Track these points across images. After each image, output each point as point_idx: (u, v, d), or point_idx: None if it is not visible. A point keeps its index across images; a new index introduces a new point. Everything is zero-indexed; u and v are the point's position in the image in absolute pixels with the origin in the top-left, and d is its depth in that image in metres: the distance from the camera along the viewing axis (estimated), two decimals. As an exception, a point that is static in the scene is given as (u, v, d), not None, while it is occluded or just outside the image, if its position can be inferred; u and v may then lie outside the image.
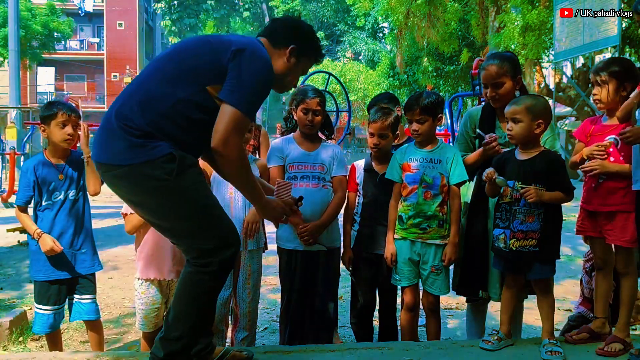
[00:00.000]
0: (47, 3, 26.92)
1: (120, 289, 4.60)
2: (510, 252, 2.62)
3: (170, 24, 34.69)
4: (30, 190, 2.97)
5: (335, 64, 25.83)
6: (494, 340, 2.70)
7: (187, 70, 2.08)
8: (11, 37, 18.06)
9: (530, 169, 2.62)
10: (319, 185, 3.00)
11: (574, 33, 10.11)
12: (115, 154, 2.04)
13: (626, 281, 2.66)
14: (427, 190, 2.86)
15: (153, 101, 2.05)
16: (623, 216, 2.58)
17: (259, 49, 2.13)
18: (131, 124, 2.02)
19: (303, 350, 2.69)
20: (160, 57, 2.21)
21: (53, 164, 3.00)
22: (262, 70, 2.09)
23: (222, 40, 2.15)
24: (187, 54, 2.14)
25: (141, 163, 2.00)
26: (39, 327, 2.98)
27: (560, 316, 3.87)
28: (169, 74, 2.09)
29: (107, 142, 2.08)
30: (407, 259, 2.90)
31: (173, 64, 2.12)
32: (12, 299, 4.65)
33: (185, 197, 2.05)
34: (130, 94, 2.11)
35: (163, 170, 2.00)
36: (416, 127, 2.89)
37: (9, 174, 11.75)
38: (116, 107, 2.10)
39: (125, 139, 2.02)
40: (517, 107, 2.63)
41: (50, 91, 35.79)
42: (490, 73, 2.84)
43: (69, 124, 2.96)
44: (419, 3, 14.76)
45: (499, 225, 2.68)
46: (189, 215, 2.09)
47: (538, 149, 2.68)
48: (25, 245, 7.07)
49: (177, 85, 2.06)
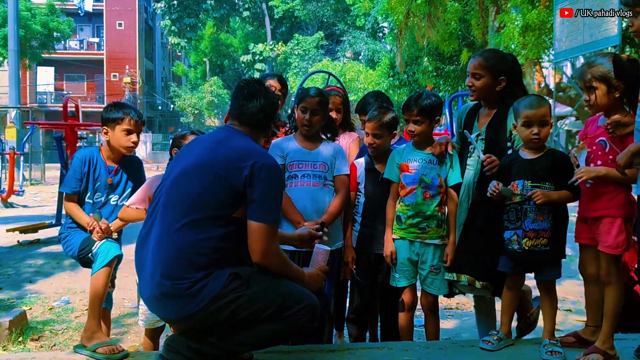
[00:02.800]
0: (47, 3, 26.93)
1: (120, 289, 4.58)
2: (524, 252, 2.60)
3: (170, 23, 34.65)
4: (79, 180, 2.93)
5: (335, 64, 25.80)
6: (494, 340, 2.70)
7: (208, 210, 2.16)
8: (11, 37, 18.06)
9: (538, 168, 2.60)
10: (320, 184, 2.97)
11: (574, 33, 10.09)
12: (180, 309, 2.16)
13: (610, 290, 2.51)
14: (426, 191, 2.86)
15: (195, 251, 2.14)
16: (608, 221, 2.49)
17: (257, 155, 2.22)
18: (182, 280, 2.12)
19: (303, 350, 2.69)
20: (165, 201, 2.25)
21: (106, 165, 2.99)
22: (275, 176, 2.24)
23: (229, 166, 2.19)
24: (198, 191, 2.19)
25: (211, 299, 2.12)
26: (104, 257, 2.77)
27: (560, 316, 3.87)
28: (190, 219, 2.16)
29: (168, 304, 2.19)
30: (406, 258, 2.90)
31: (191, 208, 2.17)
32: (12, 299, 4.65)
33: (264, 295, 2.20)
34: (167, 255, 2.17)
35: (234, 291, 2.15)
36: (412, 128, 2.89)
37: (8, 174, 11.73)
38: (159, 272, 2.17)
39: (183, 295, 2.12)
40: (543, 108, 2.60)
41: (50, 91, 35.80)
42: (474, 63, 2.84)
43: (134, 132, 2.95)
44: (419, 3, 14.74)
45: (508, 227, 2.64)
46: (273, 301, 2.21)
47: (544, 148, 2.66)
48: (25, 245, 7.08)
49: (207, 227, 2.15)
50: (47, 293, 4.85)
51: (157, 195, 2.33)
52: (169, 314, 2.24)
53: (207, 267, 2.14)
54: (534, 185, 2.58)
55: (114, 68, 35.71)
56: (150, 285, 2.20)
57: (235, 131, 2.34)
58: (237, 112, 2.37)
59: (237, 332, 2.21)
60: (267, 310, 2.18)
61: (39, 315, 4.22)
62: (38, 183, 16.67)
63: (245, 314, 2.17)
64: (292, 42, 32.02)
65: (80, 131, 8.63)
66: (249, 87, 2.38)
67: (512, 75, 2.86)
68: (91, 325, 2.69)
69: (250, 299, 2.17)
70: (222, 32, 37.69)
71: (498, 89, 2.84)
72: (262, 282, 2.22)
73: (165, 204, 2.24)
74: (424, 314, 3.03)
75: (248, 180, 2.15)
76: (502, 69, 2.83)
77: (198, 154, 2.28)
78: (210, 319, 2.16)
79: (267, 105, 2.37)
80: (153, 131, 37.88)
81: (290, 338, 2.63)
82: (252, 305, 2.17)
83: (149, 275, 2.21)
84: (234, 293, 2.14)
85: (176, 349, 2.22)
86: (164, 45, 43.51)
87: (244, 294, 2.16)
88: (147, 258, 2.23)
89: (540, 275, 2.69)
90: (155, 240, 2.22)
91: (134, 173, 3.10)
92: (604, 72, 2.48)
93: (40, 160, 18.20)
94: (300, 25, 35.64)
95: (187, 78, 43.48)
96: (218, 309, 2.13)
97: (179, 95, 36.52)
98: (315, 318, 2.29)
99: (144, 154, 31.32)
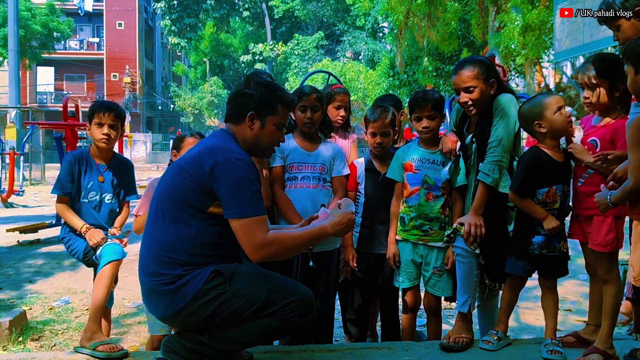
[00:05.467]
0: (47, 3, 26.93)
1: (121, 289, 4.59)
2: (560, 254, 2.64)
3: (169, 23, 34.66)
4: (70, 181, 2.98)
5: (335, 64, 25.78)
6: (494, 340, 2.70)
7: (182, 206, 2.17)
8: (11, 37, 18.06)
9: (568, 170, 2.63)
10: (319, 185, 2.97)
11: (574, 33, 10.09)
12: (165, 307, 2.19)
13: (608, 289, 2.50)
14: (429, 192, 2.85)
15: (173, 248, 2.17)
16: (599, 219, 2.49)
17: (222, 151, 2.18)
18: (160, 277, 2.17)
19: (303, 350, 2.69)
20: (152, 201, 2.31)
21: (96, 164, 3.03)
22: (238, 169, 2.14)
23: (194, 162, 2.19)
24: (173, 188, 2.22)
25: (193, 297, 2.14)
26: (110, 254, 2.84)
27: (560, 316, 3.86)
28: (168, 216, 2.19)
29: (154, 301, 2.24)
30: (409, 260, 2.90)
31: (168, 204, 2.21)
32: (12, 299, 4.64)
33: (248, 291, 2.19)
34: (148, 252, 2.25)
35: (216, 288, 2.15)
36: (427, 124, 2.86)
37: (8, 174, 11.72)
38: (142, 269, 2.25)
39: (165, 292, 2.16)
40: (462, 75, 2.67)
41: (50, 91, 35.79)
42: (460, 78, 2.73)
43: (105, 124, 2.98)
44: (419, 3, 14.74)
45: (540, 232, 2.63)
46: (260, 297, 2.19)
47: (562, 150, 2.65)
48: (25, 245, 7.08)
49: (185, 223, 2.17)
50: (47, 293, 4.85)
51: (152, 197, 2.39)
52: (158, 312, 2.27)
53: (187, 264, 2.16)
54: (567, 189, 2.62)
55: (114, 68, 35.71)
56: (141, 284, 2.28)
57: (221, 132, 2.36)
58: (226, 112, 2.41)
59: (226, 329, 2.21)
60: (251, 306, 2.17)
61: (39, 315, 4.22)
62: (38, 183, 16.67)
63: (230, 311, 2.16)
64: (292, 42, 32.02)
65: (80, 131, 8.61)
66: (237, 86, 2.40)
67: (496, 74, 2.80)
68: (91, 326, 2.71)
69: (234, 296, 2.16)
70: (222, 32, 37.66)
71: (492, 92, 2.76)
72: (247, 278, 2.21)
73: (152, 203, 2.31)
74: (426, 315, 3.03)
75: (209, 176, 2.13)
76: (490, 71, 2.76)
77: (185, 156, 2.33)
78: (195, 316, 2.17)
79: (237, 94, 2.34)
80: (153, 131, 37.89)
81: (282, 334, 2.62)
82: (236, 302, 2.16)
83: (140, 274, 2.28)
84: (217, 290, 2.15)
85: (173, 350, 2.24)
86: (164, 45, 43.49)
87: (226, 290, 2.15)
88: (140, 261, 2.31)
89: (550, 274, 2.70)
90: (143, 239, 2.30)
91: (123, 172, 3.14)
92: (608, 71, 2.46)
93: (40, 160, 18.21)
94: (300, 25, 35.63)
95: (187, 78, 43.45)
96: (201, 306, 2.15)
97: (179, 95, 36.50)
98: (306, 313, 2.24)
99: (144, 154, 31.35)
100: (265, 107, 2.31)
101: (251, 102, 2.30)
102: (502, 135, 2.68)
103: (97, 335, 2.68)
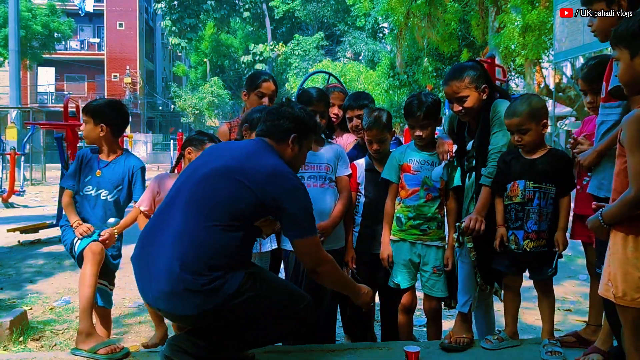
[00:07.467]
0: (48, 3, 26.96)
1: (121, 289, 4.59)
2: (524, 253, 2.61)
3: (170, 24, 34.66)
4: (74, 175, 3.05)
5: (335, 64, 25.78)
6: (494, 340, 2.71)
7: (237, 217, 2.23)
8: (11, 37, 18.09)
9: (540, 168, 2.60)
10: (325, 185, 2.98)
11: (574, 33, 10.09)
12: (194, 306, 2.17)
13: None
14: (428, 193, 2.87)
15: (219, 252, 2.20)
16: None
17: (285, 178, 2.30)
18: (201, 277, 2.15)
19: (303, 350, 2.70)
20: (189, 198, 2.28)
21: (98, 159, 3.08)
22: (304, 196, 2.32)
23: (256, 181, 2.24)
24: (227, 198, 2.24)
25: (226, 298, 2.18)
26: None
27: (560, 316, 3.88)
28: (218, 223, 2.21)
29: (183, 298, 2.17)
30: (407, 260, 2.90)
31: (219, 212, 2.23)
32: (12, 299, 4.65)
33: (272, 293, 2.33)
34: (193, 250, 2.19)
35: (249, 290, 2.23)
36: (420, 133, 2.88)
37: (9, 174, 11.73)
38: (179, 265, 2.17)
39: (200, 292, 2.15)
40: (518, 117, 2.55)
41: (51, 91, 35.81)
42: (452, 88, 2.72)
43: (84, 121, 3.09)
44: (419, 3, 14.75)
45: (509, 226, 2.65)
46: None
47: (544, 147, 2.66)
48: (26, 246, 7.08)
49: (234, 232, 2.23)
50: (48, 293, 4.85)
51: (175, 191, 2.34)
52: (184, 309, 2.18)
53: (228, 267, 2.20)
54: (535, 186, 2.58)
55: (114, 68, 35.72)
56: (166, 280, 2.16)
57: (268, 146, 2.41)
58: (266, 127, 2.46)
59: (247, 329, 2.27)
60: (276, 308, 2.29)
61: (40, 315, 4.22)
62: (39, 183, 16.66)
63: (259, 312, 2.26)
64: (292, 42, 32.03)
65: (80, 131, 8.60)
66: (279, 107, 2.51)
67: (488, 78, 2.79)
68: (84, 326, 2.69)
69: (263, 297, 2.26)
70: (223, 33, 37.67)
71: (485, 98, 2.75)
72: (269, 282, 2.36)
73: (190, 201, 2.25)
74: (426, 319, 3.03)
75: (275, 202, 2.25)
76: (480, 77, 2.73)
77: (229, 160, 2.32)
78: (223, 316, 2.21)
79: (282, 114, 2.46)
80: (153, 131, 37.89)
81: (293, 335, 2.73)
82: (264, 303, 2.26)
83: (164, 269, 2.17)
84: (249, 292, 2.21)
85: (183, 349, 2.23)
86: (165, 46, 43.51)
87: (257, 292, 2.24)
88: (161, 252, 2.20)
89: (536, 275, 2.70)
90: (174, 234, 2.21)
91: (127, 172, 3.08)
92: None
93: (41, 161, 18.18)
94: (300, 26, 35.65)
95: (188, 78, 43.47)
96: (235, 305, 2.19)
97: (180, 95, 36.50)
98: (313, 315, 2.41)
99: (144, 154, 31.33)
100: (305, 132, 2.47)
101: (296, 125, 2.44)
102: (503, 143, 2.72)
103: (93, 337, 2.68)
